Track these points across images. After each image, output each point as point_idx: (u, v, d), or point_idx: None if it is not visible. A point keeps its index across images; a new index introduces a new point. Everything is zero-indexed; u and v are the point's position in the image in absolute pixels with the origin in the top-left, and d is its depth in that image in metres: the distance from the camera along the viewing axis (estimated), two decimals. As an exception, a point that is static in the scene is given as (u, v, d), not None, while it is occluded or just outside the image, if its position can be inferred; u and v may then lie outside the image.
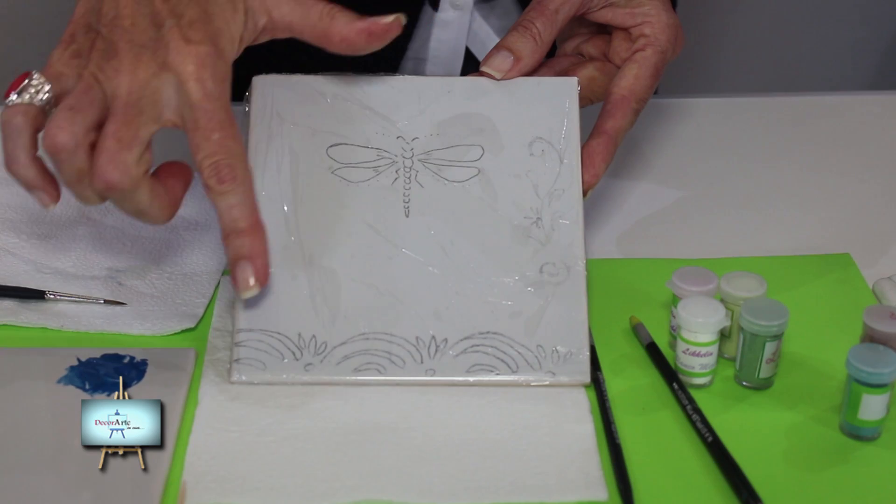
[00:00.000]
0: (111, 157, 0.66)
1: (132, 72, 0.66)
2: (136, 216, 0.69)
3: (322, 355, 0.72)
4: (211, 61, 0.67)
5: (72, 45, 0.68)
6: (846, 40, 2.19)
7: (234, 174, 0.67)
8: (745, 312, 0.71)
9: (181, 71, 0.66)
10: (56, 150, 0.66)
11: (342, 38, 0.71)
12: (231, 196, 0.68)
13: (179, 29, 0.67)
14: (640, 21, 0.80)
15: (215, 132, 0.67)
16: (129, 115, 0.66)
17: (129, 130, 0.66)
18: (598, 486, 0.65)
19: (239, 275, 0.69)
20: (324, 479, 0.66)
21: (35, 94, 0.68)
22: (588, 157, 0.77)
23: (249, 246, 0.69)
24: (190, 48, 0.66)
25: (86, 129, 0.66)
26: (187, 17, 0.67)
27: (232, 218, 0.68)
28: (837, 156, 0.98)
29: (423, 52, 1.01)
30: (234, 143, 0.67)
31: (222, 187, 0.67)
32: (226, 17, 0.68)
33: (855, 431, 0.69)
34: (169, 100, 0.67)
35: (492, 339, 0.73)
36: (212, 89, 0.67)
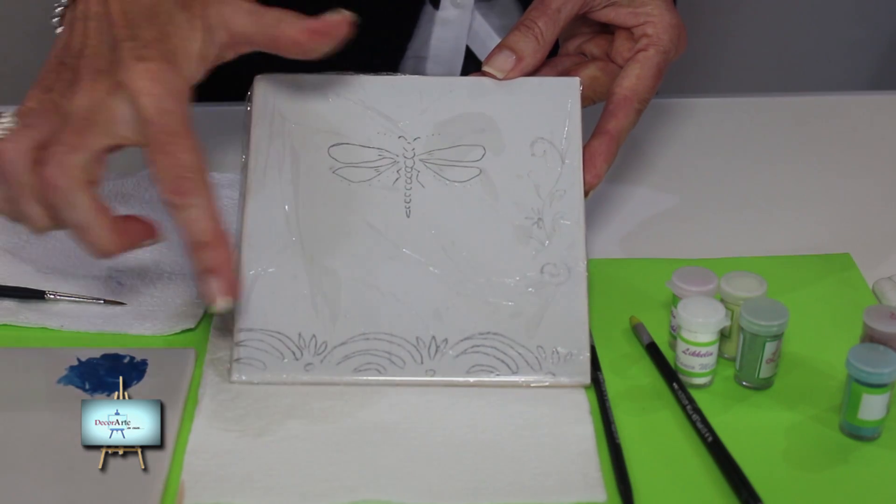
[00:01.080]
0: (56, 159, 0.66)
1: (88, 92, 0.67)
2: (79, 233, 0.68)
3: (322, 355, 0.72)
4: (164, 76, 0.67)
5: (44, 82, 0.69)
6: (846, 40, 2.19)
7: (194, 186, 0.66)
8: (745, 312, 0.71)
9: (134, 87, 0.66)
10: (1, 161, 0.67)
11: (290, 41, 0.71)
12: (192, 209, 0.67)
13: (135, 49, 0.67)
14: (642, 21, 0.80)
15: (170, 145, 0.66)
16: (79, 126, 0.66)
17: (77, 138, 0.66)
18: (598, 487, 0.65)
19: (206, 288, 0.68)
20: (323, 479, 0.66)
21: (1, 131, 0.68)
22: (590, 157, 0.77)
23: (214, 258, 0.67)
24: (143, 65, 0.66)
25: (32, 143, 0.67)
26: (143, 38, 0.67)
27: (194, 231, 0.67)
28: (837, 156, 0.98)
29: (424, 50, 1.01)
30: (190, 155, 0.66)
31: (181, 200, 0.66)
32: (183, 35, 0.69)
33: (855, 431, 0.69)
34: (123, 117, 0.67)
35: (492, 339, 0.73)
36: (166, 103, 0.66)
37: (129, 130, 0.67)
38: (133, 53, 0.67)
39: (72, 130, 0.66)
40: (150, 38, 0.67)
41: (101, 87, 0.67)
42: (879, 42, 2.21)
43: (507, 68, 0.77)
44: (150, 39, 0.67)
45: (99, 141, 0.67)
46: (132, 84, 0.66)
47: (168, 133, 0.66)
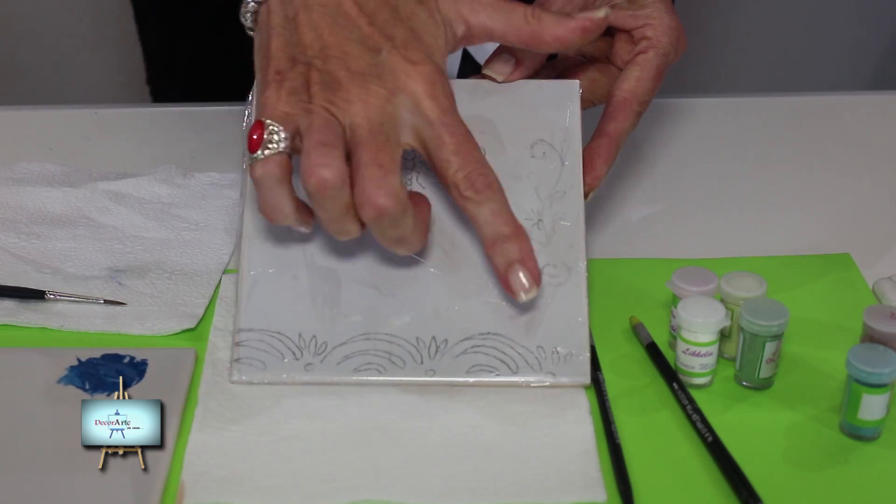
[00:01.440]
0: (378, 184, 0.65)
1: (364, 100, 0.66)
2: (395, 244, 0.69)
3: (322, 355, 0.72)
4: (437, 78, 0.67)
5: (285, 83, 0.67)
6: (846, 40, 2.19)
7: (489, 183, 0.68)
8: (745, 312, 0.71)
9: (413, 92, 0.67)
10: (322, 187, 0.65)
11: (555, 38, 0.72)
12: (490, 204, 0.68)
13: (397, 51, 0.67)
14: (642, 23, 0.80)
15: (461, 145, 0.67)
16: (378, 142, 0.66)
17: (384, 155, 0.66)
18: (598, 487, 0.65)
19: (513, 280, 0.69)
20: (323, 479, 0.66)
21: (278, 142, 0.66)
22: (589, 159, 0.77)
23: (518, 250, 0.69)
24: (415, 68, 0.67)
25: (344, 163, 0.66)
26: (400, 39, 0.67)
27: (495, 225, 0.69)
28: (837, 156, 0.98)
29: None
30: (479, 154, 0.68)
31: (480, 197, 0.68)
32: (431, 33, 0.69)
33: (855, 431, 0.69)
34: (405, 122, 0.67)
35: (492, 339, 0.73)
36: (447, 105, 0.67)
37: (410, 136, 0.68)
38: (400, 56, 0.67)
39: (372, 146, 0.66)
40: (405, 37, 0.68)
41: (377, 94, 0.66)
42: (879, 42, 2.21)
43: (506, 71, 0.77)
44: (407, 39, 0.68)
45: (399, 153, 0.67)
46: (411, 89, 0.67)
47: (456, 133, 0.67)
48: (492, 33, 0.72)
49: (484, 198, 0.68)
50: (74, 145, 0.98)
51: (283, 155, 0.67)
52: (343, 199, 0.66)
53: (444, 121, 0.67)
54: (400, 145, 0.67)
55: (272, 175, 0.67)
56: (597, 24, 0.72)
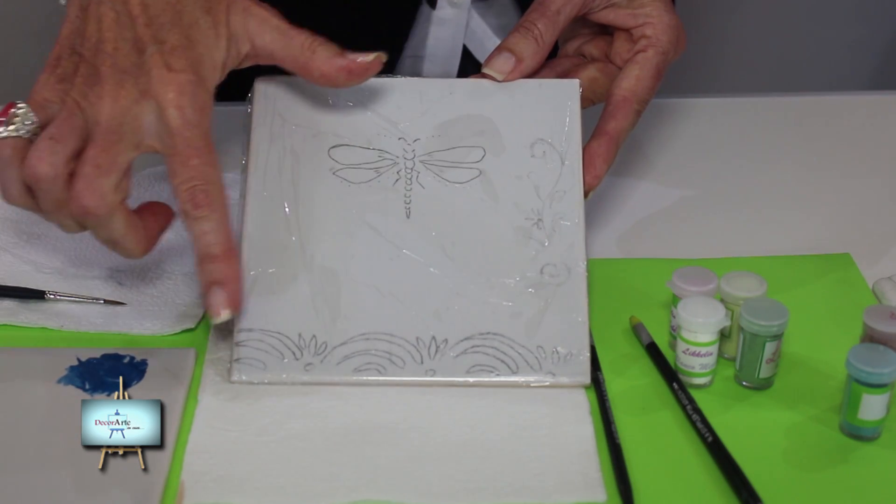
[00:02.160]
0: (89, 184, 0.66)
1: (114, 98, 0.67)
2: (110, 246, 0.70)
3: (322, 355, 0.72)
4: (191, 89, 0.67)
5: (57, 70, 0.69)
6: (846, 40, 2.19)
7: (210, 200, 0.68)
8: (745, 312, 0.71)
9: (162, 98, 0.67)
10: (36, 179, 0.67)
11: (321, 74, 0.72)
12: (206, 222, 0.68)
13: (161, 55, 0.67)
14: (641, 22, 0.80)
15: (192, 158, 0.67)
16: (108, 142, 0.67)
17: (107, 157, 0.67)
18: (597, 487, 0.65)
19: (211, 300, 0.69)
20: (323, 479, 0.66)
21: (21, 125, 0.68)
22: (589, 158, 0.77)
23: (222, 271, 0.69)
24: (171, 76, 0.67)
25: (66, 159, 0.67)
26: (169, 44, 0.68)
27: (206, 243, 0.69)
28: (837, 156, 0.98)
29: (421, 49, 1.01)
30: (210, 169, 0.68)
31: (197, 212, 0.68)
32: (208, 44, 0.69)
33: (855, 431, 0.69)
34: (149, 126, 0.67)
35: (492, 339, 0.73)
36: (191, 117, 0.67)
37: (153, 139, 0.68)
38: (161, 60, 0.67)
39: (100, 145, 0.67)
40: (176, 43, 0.68)
41: (127, 94, 0.67)
42: (879, 42, 2.21)
43: (506, 70, 0.77)
44: (177, 45, 0.68)
45: (127, 155, 0.68)
46: (159, 95, 0.67)
47: (191, 146, 0.67)
48: (273, 56, 0.72)
49: (200, 214, 0.68)
50: (74, 145, 0.97)
51: (19, 139, 0.68)
52: (55, 193, 0.67)
53: (182, 131, 0.67)
54: (137, 148, 0.68)
55: (1, 156, 0.68)
56: (361, 67, 0.72)
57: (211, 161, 0.68)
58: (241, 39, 0.71)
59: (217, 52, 0.70)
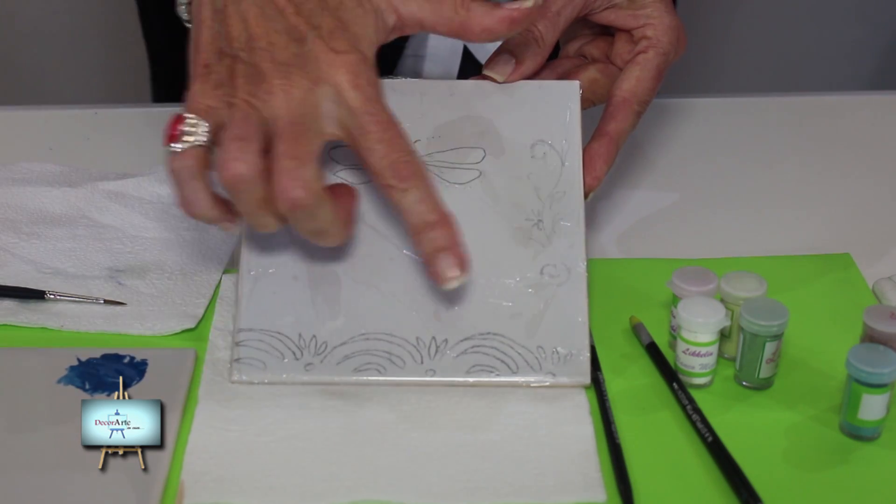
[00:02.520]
0: (292, 176, 0.65)
1: (286, 91, 0.66)
2: (316, 236, 0.68)
3: (322, 355, 0.72)
4: (362, 67, 0.67)
5: (211, 76, 0.67)
6: (846, 40, 2.19)
7: (414, 170, 0.67)
8: (745, 312, 0.71)
9: (337, 82, 0.66)
10: (236, 181, 0.65)
11: (483, 29, 0.71)
12: (415, 191, 0.67)
13: (322, 40, 0.66)
14: (642, 23, 0.80)
15: (385, 133, 0.67)
16: (296, 133, 0.66)
17: (301, 147, 0.65)
18: (597, 487, 0.65)
19: (440, 266, 0.68)
20: (322, 479, 0.66)
21: (196, 135, 0.66)
22: (589, 159, 0.77)
23: (444, 237, 0.68)
24: (339, 58, 0.66)
25: (259, 156, 0.65)
26: (325, 28, 0.67)
27: (420, 212, 0.68)
28: (837, 156, 0.98)
29: (422, 49, 1.01)
30: (404, 141, 0.67)
31: (404, 184, 0.67)
32: (359, 22, 0.68)
33: (855, 431, 0.69)
34: (328, 112, 0.66)
35: (492, 339, 0.73)
36: (371, 94, 0.67)
37: (334, 126, 0.67)
38: (324, 45, 0.66)
39: (290, 138, 0.65)
40: (331, 26, 0.67)
41: (299, 85, 0.66)
42: (879, 42, 2.21)
43: (507, 71, 0.77)
44: (333, 28, 0.67)
45: (317, 145, 0.67)
46: (334, 79, 0.66)
47: (379, 122, 0.67)
48: (422, 23, 0.71)
49: (408, 185, 0.67)
50: (74, 145, 0.98)
51: (200, 148, 0.66)
52: (257, 192, 0.66)
53: (367, 109, 0.66)
54: (322, 136, 0.67)
55: (188, 168, 0.66)
56: (524, 14, 0.71)
57: (401, 133, 0.67)
58: (386, 12, 0.69)
59: (369, 28, 0.69)
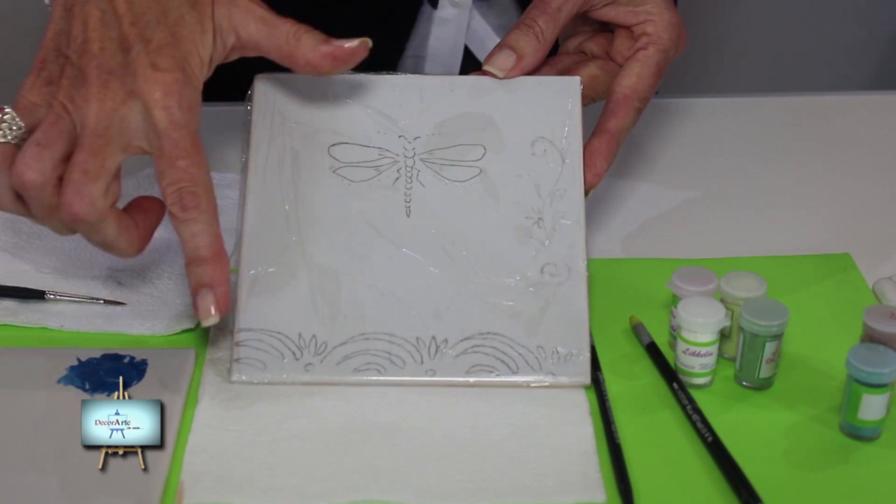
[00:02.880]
0: (77, 190, 0.66)
1: (100, 100, 0.66)
2: (103, 248, 0.69)
3: (322, 355, 0.72)
4: (178, 88, 0.67)
5: (43, 72, 0.68)
6: (846, 40, 2.19)
7: (198, 202, 0.67)
8: (745, 312, 0.71)
9: (148, 98, 0.66)
10: (24, 187, 0.67)
11: (307, 62, 0.71)
12: (194, 224, 0.67)
13: (147, 55, 0.67)
14: (642, 19, 0.80)
15: (180, 160, 0.67)
16: (95, 146, 0.66)
17: (95, 161, 0.66)
18: (597, 487, 0.65)
19: (200, 303, 0.68)
20: (322, 479, 0.66)
21: (8, 131, 0.67)
22: (590, 156, 0.77)
23: (211, 274, 0.68)
24: (157, 75, 0.66)
25: (53, 165, 0.66)
26: (155, 42, 0.67)
27: (195, 246, 0.68)
28: (837, 156, 0.98)
29: (422, 49, 1.01)
30: (198, 170, 0.67)
31: (185, 214, 0.67)
32: (194, 40, 0.68)
33: (855, 431, 0.69)
34: (137, 127, 0.67)
35: (492, 339, 0.72)
36: (178, 117, 0.66)
37: (141, 140, 0.67)
38: (147, 60, 0.67)
39: (88, 150, 0.66)
40: (162, 41, 0.67)
41: (114, 96, 0.66)
42: (879, 42, 2.21)
43: (507, 67, 0.77)
44: (163, 44, 0.67)
45: (115, 159, 0.67)
46: (146, 95, 0.66)
47: (178, 147, 0.67)
48: (259, 47, 0.71)
49: (188, 216, 0.67)
50: (74, 145, 0.97)
51: (8, 146, 0.67)
52: (45, 199, 0.67)
53: (169, 133, 0.66)
54: (126, 150, 0.67)
55: None
56: (347, 53, 0.71)
57: (198, 162, 0.67)
58: (227, 32, 0.70)
59: (203, 47, 0.69)
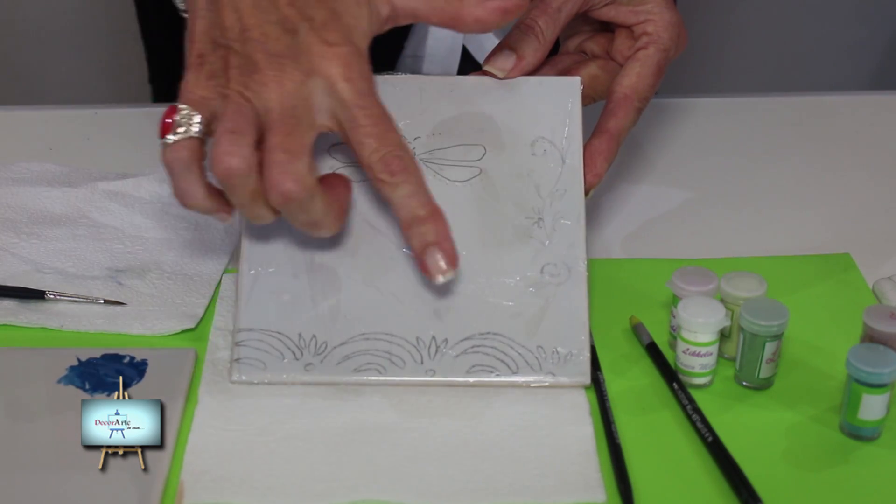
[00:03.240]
0: (284, 169, 0.65)
1: (279, 83, 0.66)
2: (309, 227, 0.69)
3: (322, 355, 0.72)
4: (355, 60, 0.67)
5: (204, 67, 0.67)
6: (846, 40, 2.19)
7: (405, 164, 0.67)
8: (745, 312, 0.71)
9: (329, 74, 0.66)
10: (229, 174, 0.66)
11: (475, 19, 0.71)
12: (405, 186, 0.68)
13: (315, 32, 0.66)
14: (642, 19, 0.80)
15: (376, 127, 0.67)
16: (288, 126, 0.66)
17: (293, 140, 0.66)
18: (597, 488, 0.65)
19: (429, 261, 0.69)
20: (322, 479, 0.66)
21: (189, 127, 0.67)
22: (590, 156, 0.77)
23: (434, 231, 0.69)
24: (331, 50, 0.66)
25: (251, 150, 0.66)
26: (319, 20, 0.67)
27: (410, 207, 0.68)
28: (837, 156, 0.98)
29: (421, 49, 1.01)
30: (395, 135, 0.67)
31: (395, 179, 0.67)
32: (353, 13, 0.68)
33: (855, 431, 0.69)
34: (321, 105, 0.67)
35: (492, 339, 0.72)
36: (362, 87, 0.67)
37: (326, 118, 0.67)
38: (317, 37, 0.66)
39: (282, 131, 0.66)
40: (324, 18, 0.67)
41: (291, 77, 0.66)
42: (879, 42, 2.21)
43: (507, 67, 0.77)
44: (326, 20, 0.67)
45: (309, 137, 0.67)
46: (326, 71, 0.66)
47: (371, 115, 0.67)
48: (415, 14, 0.71)
49: (399, 180, 0.67)
50: (74, 145, 0.98)
51: (193, 140, 0.67)
52: (250, 185, 0.66)
53: (358, 103, 0.66)
54: (314, 128, 0.67)
55: (181, 160, 0.67)
56: (516, 5, 0.71)
57: (393, 127, 0.67)
58: (380, 2, 0.69)
59: (362, 19, 0.69)
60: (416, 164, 0.68)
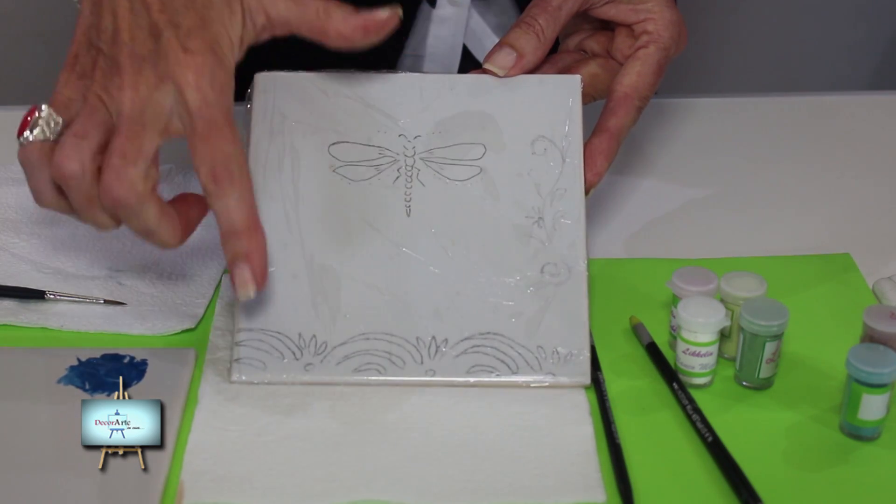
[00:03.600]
0: (117, 174, 0.66)
1: (134, 87, 0.67)
2: (145, 236, 0.69)
3: (322, 355, 0.72)
4: (209, 69, 0.67)
5: (76, 67, 0.69)
6: (846, 40, 2.19)
7: (231, 176, 0.67)
8: (745, 312, 0.71)
9: (181, 81, 0.66)
10: (65, 178, 0.67)
11: (338, 34, 0.71)
12: (227, 198, 0.67)
13: (177, 39, 0.67)
14: (643, 17, 0.80)
15: (212, 137, 0.67)
16: (132, 131, 0.66)
17: (133, 145, 0.66)
18: (597, 487, 0.65)
19: (237, 275, 0.69)
20: (322, 479, 0.66)
21: (46, 128, 0.68)
22: (590, 155, 0.77)
23: (247, 246, 0.68)
24: (189, 57, 0.66)
25: (92, 155, 0.66)
26: (185, 26, 0.67)
27: (229, 219, 0.68)
28: (837, 156, 0.98)
29: (421, 48, 1.01)
30: (231, 146, 0.67)
31: (219, 189, 0.67)
32: (223, 21, 0.69)
33: (855, 431, 0.69)
34: (171, 110, 0.67)
35: (492, 339, 0.72)
36: (210, 97, 0.67)
37: (177, 123, 0.67)
38: (177, 44, 0.67)
39: (126, 136, 0.66)
40: (191, 25, 0.67)
41: (146, 81, 0.66)
42: (879, 42, 2.21)
43: (507, 66, 0.77)
44: (192, 27, 0.67)
45: (152, 142, 0.67)
46: (178, 77, 0.66)
47: (210, 125, 0.67)
48: (289, 24, 0.71)
49: (222, 190, 0.67)
50: (74, 145, 0.97)
51: (45, 142, 0.68)
52: (85, 189, 0.67)
53: (200, 111, 0.66)
54: (162, 134, 0.67)
55: (30, 160, 0.68)
56: (378, 24, 0.71)
57: (231, 138, 0.67)
58: (256, 12, 0.70)
59: (233, 28, 0.69)
60: (244, 178, 0.68)
